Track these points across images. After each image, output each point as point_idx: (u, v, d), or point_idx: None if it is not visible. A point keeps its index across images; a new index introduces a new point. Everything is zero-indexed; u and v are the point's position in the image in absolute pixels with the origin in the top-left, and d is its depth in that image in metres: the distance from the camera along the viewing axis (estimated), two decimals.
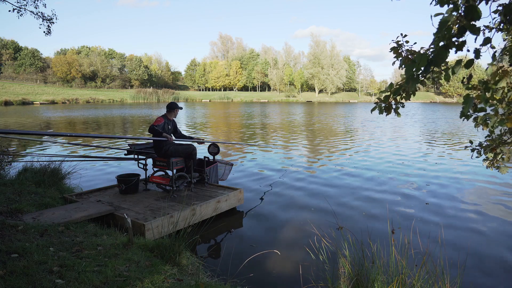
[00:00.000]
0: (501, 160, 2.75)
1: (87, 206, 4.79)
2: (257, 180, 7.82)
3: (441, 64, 1.55)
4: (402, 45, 2.57)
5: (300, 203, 6.17)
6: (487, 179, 7.87)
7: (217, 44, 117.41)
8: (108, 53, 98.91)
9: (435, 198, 6.41)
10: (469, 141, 3.02)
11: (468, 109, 2.00)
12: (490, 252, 4.30)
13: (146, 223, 4.20)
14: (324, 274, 2.98)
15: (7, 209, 4.38)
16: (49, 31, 8.47)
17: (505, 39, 2.46)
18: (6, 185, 5.54)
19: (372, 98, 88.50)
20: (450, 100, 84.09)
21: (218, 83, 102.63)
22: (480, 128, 2.57)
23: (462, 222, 5.27)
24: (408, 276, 2.60)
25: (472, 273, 3.78)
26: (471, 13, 1.47)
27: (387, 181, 7.70)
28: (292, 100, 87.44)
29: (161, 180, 5.70)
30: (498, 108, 2.45)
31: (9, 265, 2.67)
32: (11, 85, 72.61)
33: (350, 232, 3.44)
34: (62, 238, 3.55)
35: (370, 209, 5.81)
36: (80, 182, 6.85)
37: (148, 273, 2.92)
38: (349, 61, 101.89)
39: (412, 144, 13.56)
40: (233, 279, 3.30)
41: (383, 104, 2.55)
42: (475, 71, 70.43)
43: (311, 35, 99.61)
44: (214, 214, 5.22)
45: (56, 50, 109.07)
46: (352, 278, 2.70)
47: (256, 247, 4.37)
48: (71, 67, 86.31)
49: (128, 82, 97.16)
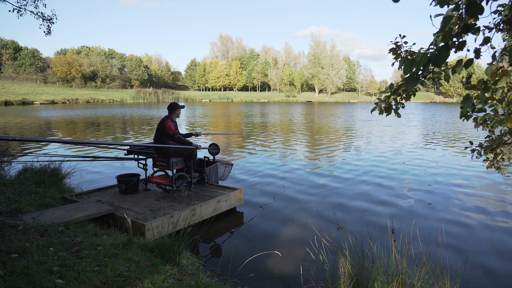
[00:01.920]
0: (501, 160, 2.75)
1: (87, 206, 4.79)
2: (257, 180, 7.82)
3: (442, 64, 1.54)
4: (401, 46, 2.57)
5: (300, 203, 6.18)
6: (488, 179, 7.87)
7: (217, 44, 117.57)
8: (108, 53, 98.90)
9: (436, 198, 6.41)
10: (469, 142, 3.02)
11: (467, 109, 2.00)
12: (490, 252, 4.30)
13: (146, 223, 4.20)
14: (324, 274, 2.98)
15: (7, 209, 4.38)
16: (49, 31, 8.47)
17: (504, 39, 2.47)
18: (6, 185, 5.54)
19: (372, 98, 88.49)
20: (450, 100, 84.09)
21: (218, 83, 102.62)
22: (481, 128, 2.57)
23: (463, 222, 5.27)
24: (408, 276, 2.60)
25: (472, 273, 3.78)
26: (473, 8, 1.46)
27: (387, 181, 7.70)
28: (292, 100, 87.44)
29: (161, 180, 5.70)
30: (498, 108, 2.45)
31: (9, 265, 2.67)
32: (11, 85, 72.59)
33: (350, 232, 3.44)
34: (62, 238, 3.55)
35: (370, 209, 5.81)
36: (80, 182, 6.85)
37: (148, 273, 2.92)
38: (349, 61, 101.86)
39: (412, 144, 13.56)
40: (233, 279, 3.30)
41: (383, 104, 2.56)
42: (475, 71, 70.46)
43: (311, 35, 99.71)
44: (214, 214, 5.22)
45: (56, 50, 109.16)
46: (352, 278, 2.70)
47: (257, 247, 4.37)
48: (71, 67, 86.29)
49: (128, 82, 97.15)
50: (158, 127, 5.69)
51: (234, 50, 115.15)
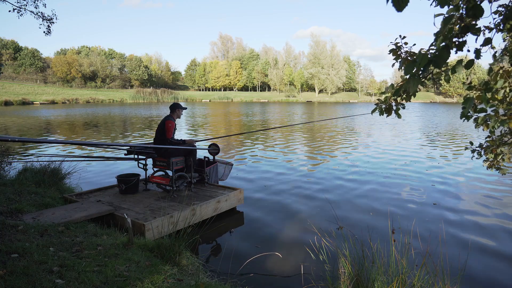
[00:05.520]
0: (502, 161, 2.75)
1: (87, 206, 4.79)
2: (258, 180, 7.82)
3: (443, 65, 1.54)
4: (401, 47, 2.57)
5: (300, 203, 6.17)
6: (488, 180, 7.87)
7: (217, 44, 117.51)
8: (108, 53, 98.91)
9: (437, 198, 6.41)
10: (470, 142, 3.02)
11: (468, 109, 2.00)
12: (490, 252, 4.30)
13: (146, 223, 4.20)
14: (324, 274, 2.99)
15: (7, 209, 4.38)
16: (49, 31, 8.47)
17: (505, 39, 2.46)
18: (6, 185, 5.53)
19: (372, 98, 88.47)
20: (450, 100, 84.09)
21: (218, 83, 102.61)
22: (481, 128, 2.57)
23: (463, 222, 5.27)
24: (408, 276, 2.60)
25: (472, 274, 3.77)
26: (473, 10, 1.46)
27: (388, 180, 7.70)
28: (292, 100, 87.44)
29: (161, 180, 5.70)
30: (499, 109, 2.45)
31: (9, 265, 2.67)
32: (11, 85, 72.60)
33: (350, 232, 3.44)
34: (62, 238, 3.55)
35: (370, 209, 5.81)
36: (80, 182, 6.85)
37: (148, 273, 2.92)
38: (349, 61, 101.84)
39: (413, 144, 13.56)
40: (233, 279, 3.31)
41: (383, 105, 2.55)
42: (475, 71, 70.43)
43: (311, 35, 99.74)
44: (214, 214, 5.22)
45: (56, 50, 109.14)
46: (352, 278, 2.70)
47: (257, 247, 4.37)
48: (71, 67, 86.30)
49: (128, 82, 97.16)
50: (159, 127, 5.70)
51: (234, 50, 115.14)
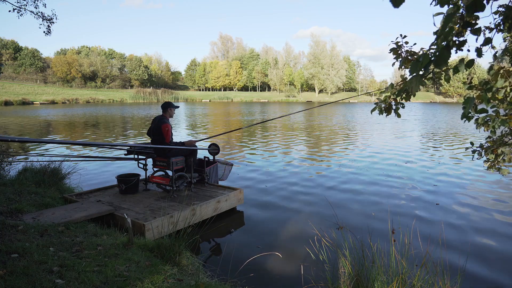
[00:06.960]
0: (502, 161, 2.74)
1: (87, 206, 4.79)
2: (258, 180, 7.81)
3: (443, 65, 1.54)
4: (402, 46, 2.57)
5: (300, 203, 6.17)
6: (489, 180, 7.86)
7: (217, 44, 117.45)
8: (108, 53, 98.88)
9: (437, 198, 6.41)
10: (470, 143, 3.01)
11: (468, 109, 2.00)
12: (490, 252, 4.30)
13: (146, 223, 4.20)
14: (324, 274, 2.98)
15: (7, 209, 4.37)
16: (49, 31, 8.48)
17: (505, 39, 2.46)
18: (6, 185, 5.53)
19: (372, 98, 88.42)
20: (450, 100, 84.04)
21: (218, 83, 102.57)
22: (482, 128, 2.57)
23: (463, 222, 5.27)
24: (408, 276, 2.60)
25: (472, 274, 3.77)
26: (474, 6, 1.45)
27: (388, 180, 7.70)
28: (292, 100, 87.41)
29: (161, 180, 5.70)
30: (499, 109, 2.44)
31: (9, 265, 2.67)
32: (11, 85, 72.57)
33: (350, 232, 3.44)
34: (62, 238, 3.55)
35: (371, 209, 5.81)
36: (80, 182, 6.85)
37: (148, 273, 2.92)
38: (349, 61, 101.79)
39: (413, 144, 13.56)
40: (233, 279, 3.30)
41: (383, 104, 2.55)
42: (476, 71, 70.35)
43: (311, 35, 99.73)
44: (214, 214, 5.22)
45: (56, 50, 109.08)
46: (352, 278, 2.70)
47: (257, 247, 4.37)
48: (71, 67, 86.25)
49: (128, 82, 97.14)
50: (155, 129, 5.59)
51: (234, 50, 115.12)
